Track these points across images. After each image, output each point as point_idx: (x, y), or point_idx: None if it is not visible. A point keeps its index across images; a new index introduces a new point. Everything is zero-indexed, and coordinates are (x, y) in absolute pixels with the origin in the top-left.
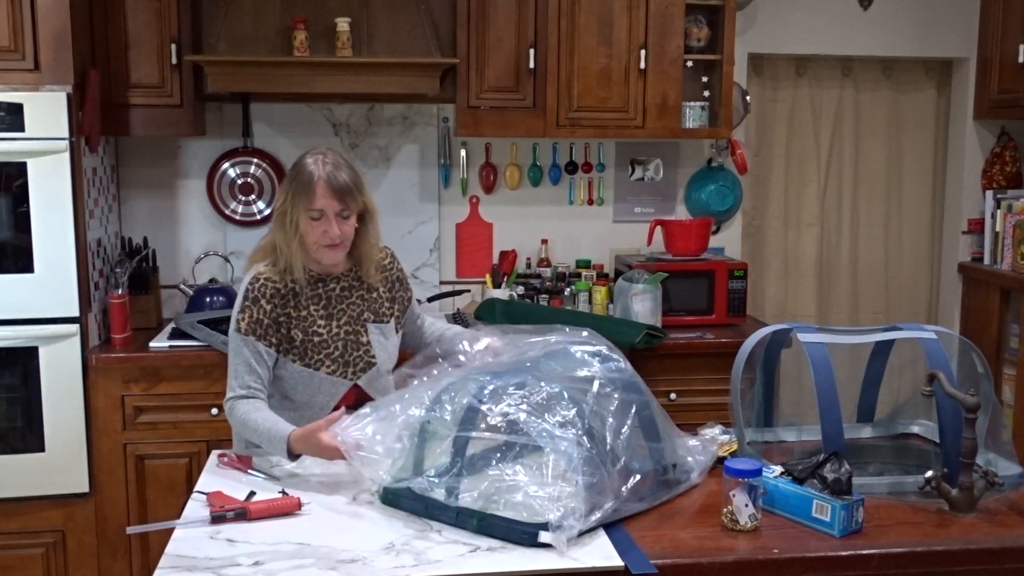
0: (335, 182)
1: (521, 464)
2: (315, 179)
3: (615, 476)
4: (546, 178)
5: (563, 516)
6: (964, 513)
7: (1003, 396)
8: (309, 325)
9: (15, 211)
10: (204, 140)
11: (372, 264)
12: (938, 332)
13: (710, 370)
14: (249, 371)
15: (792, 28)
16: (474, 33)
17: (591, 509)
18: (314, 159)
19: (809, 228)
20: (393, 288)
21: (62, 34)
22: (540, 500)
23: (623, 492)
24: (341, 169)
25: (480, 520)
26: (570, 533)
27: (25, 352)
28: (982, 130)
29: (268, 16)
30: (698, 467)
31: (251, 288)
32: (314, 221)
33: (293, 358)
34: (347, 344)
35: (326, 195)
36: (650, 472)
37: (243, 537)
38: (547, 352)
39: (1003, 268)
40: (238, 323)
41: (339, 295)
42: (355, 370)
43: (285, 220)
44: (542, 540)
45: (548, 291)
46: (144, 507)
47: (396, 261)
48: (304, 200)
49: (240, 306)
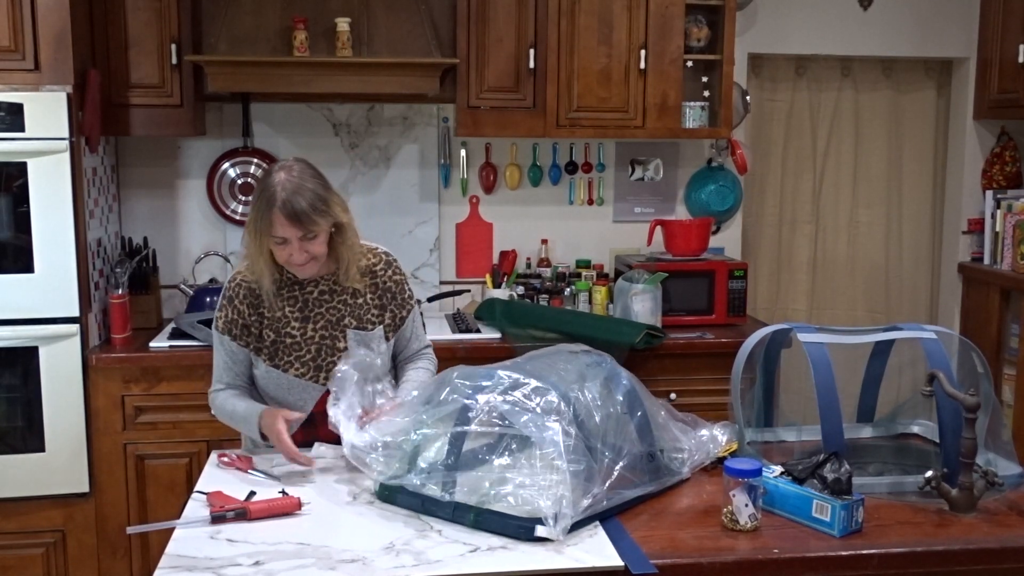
0: (293, 209)
1: (511, 456)
2: (273, 208)
3: (603, 462)
4: (546, 178)
5: (554, 506)
6: (964, 513)
7: (1003, 396)
8: (283, 326)
9: (15, 211)
10: (204, 140)
11: (351, 268)
12: (938, 332)
13: (710, 370)
14: (226, 368)
15: (792, 28)
16: (474, 33)
17: (582, 496)
18: (277, 178)
19: (804, 226)
20: (384, 297)
21: (62, 34)
22: (529, 491)
23: (613, 475)
24: (302, 193)
25: (477, 515)
26: (564, 523)
27: (25, 352)
28: (982, 130)
29: (268, 16)
30: (689, 461)
31: (228, 288)
32: (278, 244)
33: (264, 358)
34: (321, 348)
35: (284, 224)
36: (638, 455)
37: (243, 537)
38: (531, 356)
39: (1003, 268)
40: (216, 320)
41: (317, 299)
42: (328, 375)
43: (253, 236)
44: (539, 535)
45: (548, 291)
46: (144, 507)
47: (393, 269)
48: (265, 226)
49: (219, 304)
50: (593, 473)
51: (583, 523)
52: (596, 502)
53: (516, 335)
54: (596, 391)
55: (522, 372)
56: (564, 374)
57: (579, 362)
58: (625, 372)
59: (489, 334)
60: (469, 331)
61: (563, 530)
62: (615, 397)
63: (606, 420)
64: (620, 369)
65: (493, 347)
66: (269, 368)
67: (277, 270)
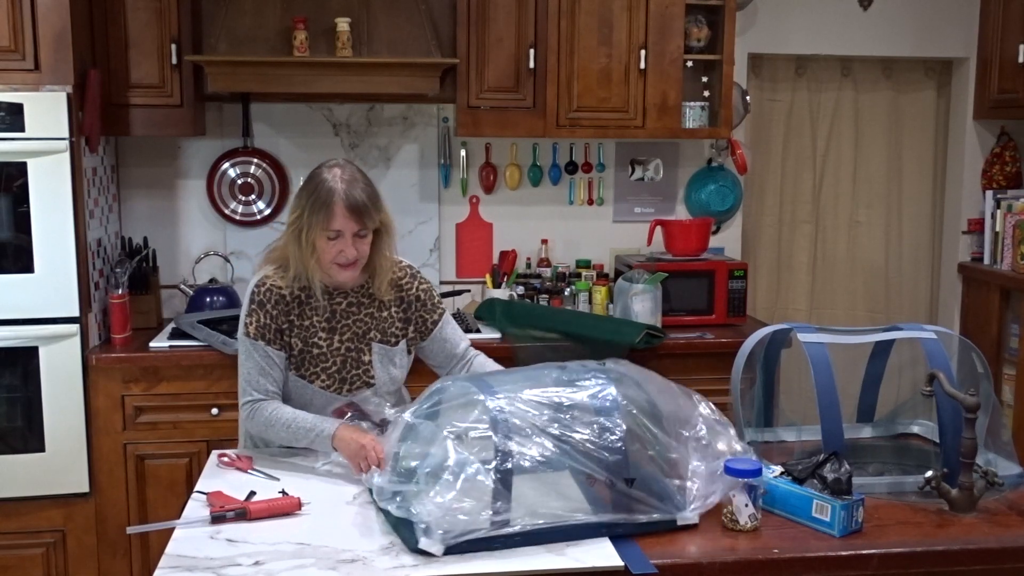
0: (354, 201)
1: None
2: (334, 198)
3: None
4: (546, 178)
5: (437, 522)
6: (964, 513)
7: (1003, 396)
8: (310, 336)
9: (15, 211)
10: (204, 140)
11: (385, 279)
12: (938, 332)
13: (710, 370)
14: (263, 374)
15: (792, 28)
16: (474, 33)
17: (479, 515)
18: (332, 174)
19: (804, 226)
20: (409, 309)
21: (62, 34)
22: (418, 500)
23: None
24: (358, 186)
25: (395, 521)
26: (444, 541)
27: (25, 352)
28: (982, 130)
29: (268, 16)
30: (692, 504)
31: (256, 292)
32: (330, 240)
33: (290, 366)
34: (346, 360)
35: (344, 216)
36: (598, 480)
37: (243, 537)
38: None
39: (1003, 268)
40: (246, 327)
41: (345, 310)
42: (351, 388)
43: (300, 237)
44: (421, 546)
45: (548, 291)
46: (144, 507)
47: (419, 281)
48: (321, 219)
49: (247, 310)
50: (500, 493)
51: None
52: (496, 524)
53: (516, 335)
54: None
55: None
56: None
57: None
58: (622, 392)
59: (489, 334)
60: (469, 331)
61: (445, 547)
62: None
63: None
64: (615, 389)
65: (493, 347)
66: (295, 378)
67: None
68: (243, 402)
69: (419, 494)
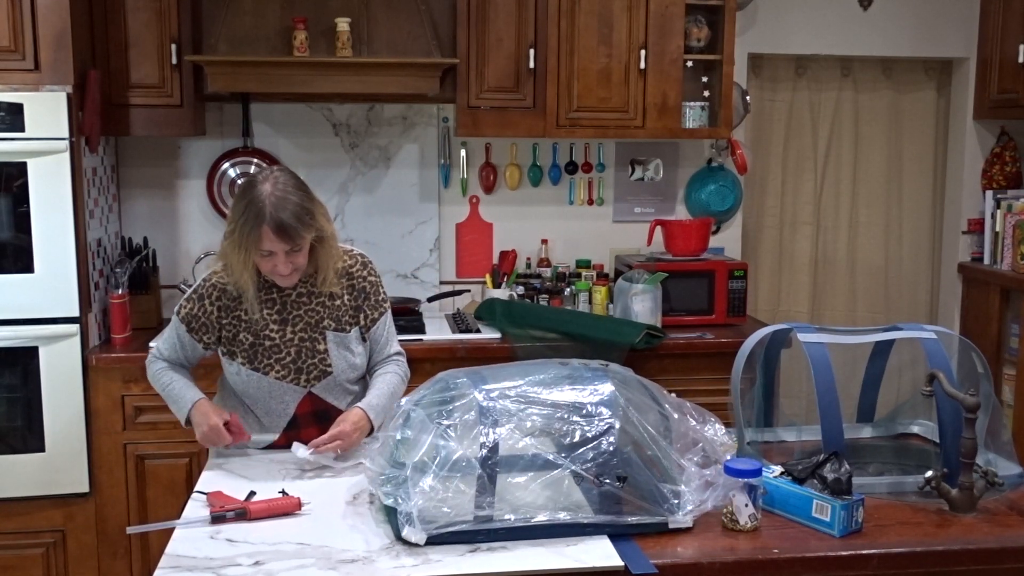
0: (280, 224)
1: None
2: (262, 222)
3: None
4: (546, 178)
5: (421, 513)
6: (964, 513)
7: (1003, 396)
8: (261, 329)
9: (15, 211)
10: (204, 140)
11: (329, 275)
12: (938, 332)
13: (710, 370)
14: (171, 348)
15: (792, 28)
16: (474, 33)
17: (463, 507)
18: (262, 190)
19: (804, 226)
20: (358, 298)
21: (62, 34)
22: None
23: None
24: (288, 204)
25: (388, 512)
26: (427, 531)
27: (25, 352)
28: (982, 130)
29: (268, 16)
30: (684, 508)
31: (202, 285)
32: (264, 257)
33: (242, 361)
34: (301, 351)
35: (272, 239)
36: (584, 477)
37: (243, 537)
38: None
39: (1003, 268)
40: (180, 307)
41: (295, 301)
42: (308, 377)
43: (237, 248)
44: (403, 535)
45: (548, 291)
46: (144, 507)
47: (368, 271)
48: (253, 239)
49: (188, 295)
50: (485, 487)
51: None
52: (481, 518)
53: (516, 335)
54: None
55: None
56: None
57: (569, 373)
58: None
59: (489, 334)
60: (469, 331)
61: (427, 537)
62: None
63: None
64: (612, 387)
65: (493, 347)
66: (249, 371)
67: (256, 275)
68: (151, 350)
69: (405, 483)
